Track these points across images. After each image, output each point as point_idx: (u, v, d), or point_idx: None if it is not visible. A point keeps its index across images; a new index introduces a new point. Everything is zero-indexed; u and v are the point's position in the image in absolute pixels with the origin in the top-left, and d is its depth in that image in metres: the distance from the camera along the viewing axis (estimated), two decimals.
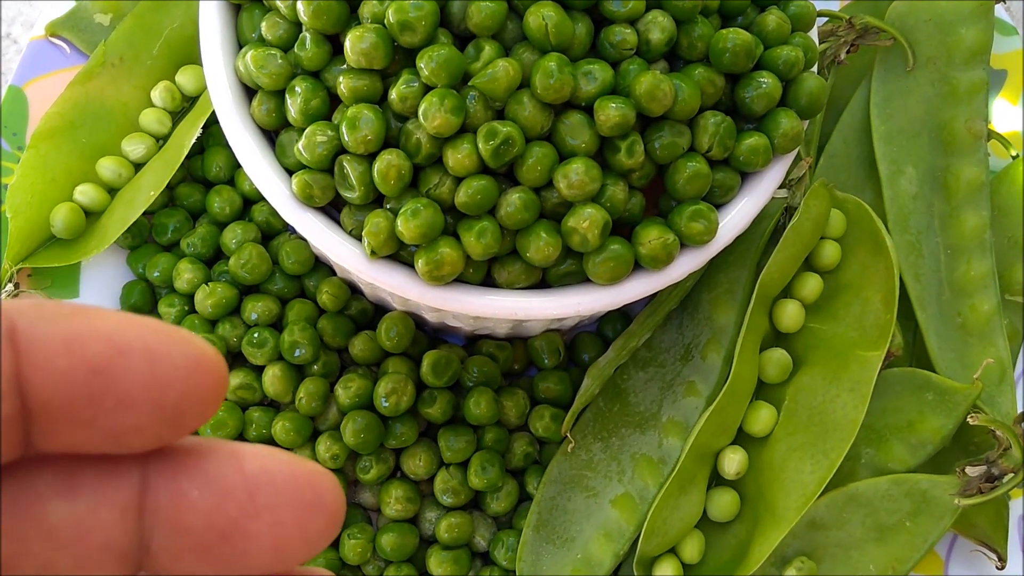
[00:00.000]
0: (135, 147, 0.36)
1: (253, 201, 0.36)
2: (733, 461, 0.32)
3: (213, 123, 0.36)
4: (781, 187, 0.32)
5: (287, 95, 0.26)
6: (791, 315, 0.33)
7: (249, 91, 0.27)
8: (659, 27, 0.25)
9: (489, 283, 0.27)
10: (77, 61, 0.36)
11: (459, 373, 0.33)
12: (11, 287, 0.34)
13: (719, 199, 0.28)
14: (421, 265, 0.25)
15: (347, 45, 0.24)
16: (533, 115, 0.24)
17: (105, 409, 0.10)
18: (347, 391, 0.32)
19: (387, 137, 0.25)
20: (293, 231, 0.36)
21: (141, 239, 0.36)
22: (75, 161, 0.35)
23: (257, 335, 0.33)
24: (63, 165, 0.35)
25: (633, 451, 0.33)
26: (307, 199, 0.26)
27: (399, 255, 0.26)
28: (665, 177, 0.27)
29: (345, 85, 0.25)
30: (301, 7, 0.25)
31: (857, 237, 0.33)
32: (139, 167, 0.36)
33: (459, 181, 0.25)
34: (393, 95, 0.25)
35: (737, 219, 0.28)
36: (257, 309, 0.34)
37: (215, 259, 0.36)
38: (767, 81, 0.27)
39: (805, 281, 0.33)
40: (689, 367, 0.33)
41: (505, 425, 0.34)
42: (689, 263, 0.27)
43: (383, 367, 0.33)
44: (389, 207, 0.26)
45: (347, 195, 0.26)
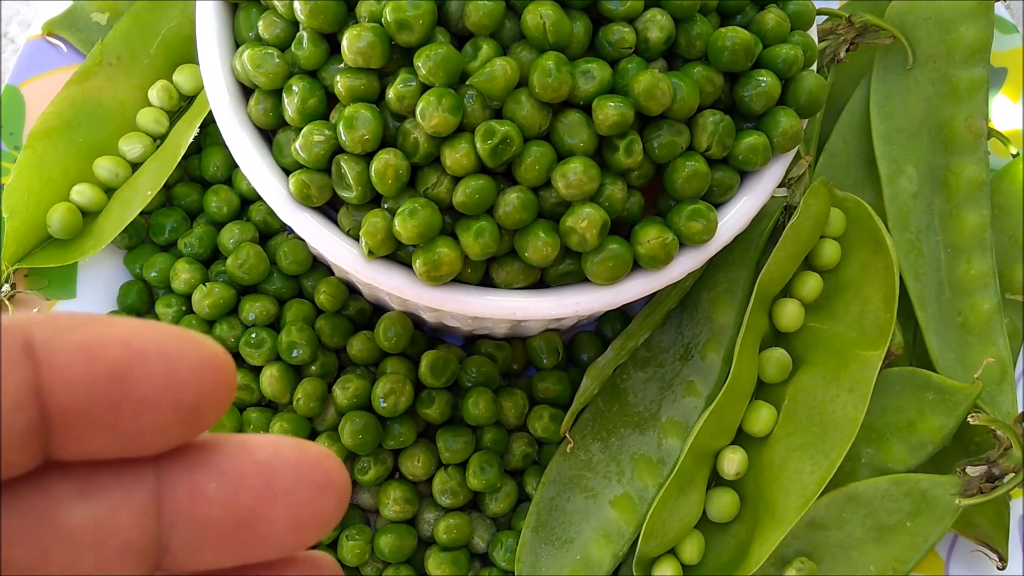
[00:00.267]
0: (132, 147, 0.35)
1: (250, 201, 0.36)
2: (733, 461, 0.32)
3: (210, 123, 0.35)
4: (780, 186, 0.32)
5: (284, 94, 0.26)
6: (791, 314, 0.33)
7: (246, 90, 0.27)
8: (657, 25, 0.25)
9: (487, 283, 0.27)
10: (74, 60, 0.36)
11: (457, 373, 0.33)
12: (8, 287, 0.34)
13: (718, 198, 0.27)
14: (419, 265, 0.25)
15: (344, 44, 0.24)
16: (531, 114, 0.24)
17: (125, 413, 0.11)
18: (345, 392, 0.32)
19: (385, 136, 0.25)
20: (291, 231, 0.35)
21: (138, 239, 0.36)
22: (72, 161, 0.35)
23: (255, 335, 0.33)
24: (60, 165, 0.35)
25: (632, 451, 0.33)
26: (304, 199, 0.26)
27: (397, 255, 0.26)
28: (664, 176, 0.26)
29: (342, 84, 0.25)
30: (298, 6, 0.25)
31: (857, 236, 0.33)
32: (136, 167, 0.36)
33: (457, 181, 0.25)
34: (391, 94, 0.24)
35: (736, 218, 0.28)
36: (255, 309, 0.34)
37: (212, 259, 0.36)
38: (766, 80, 0.26)
39: (805, 280, 0.33)
40: (688, 367, 0.33)
41: (504, 425, 0.34)
42: (688, 263, 0.27)
43: (381, 367, 0.33)
44: (387, 207, 0.25)
45: (344, 195, 0.25)
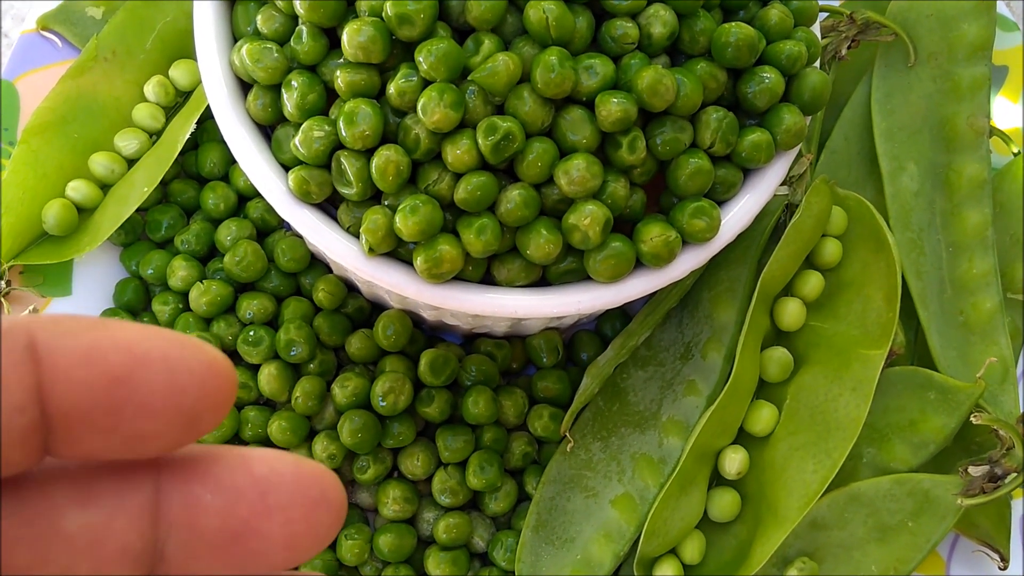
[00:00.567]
0: (128, 142, 0.35)
1: (248, 197, 0.35)
2: (734, 461, 0.32)
3: (207, 118, 0.35)
4: (782, 184, 0.32)
5: (283, 89, 0.25)
6: (792, 313, 0.33)
7: (244, 85, 0.27)
8: (661, 21, 0.25)
9: (488, 281, 0.26)
10: (69, 55, 0.36)
11: (457, 372, 0.33)
12: (3, 284, 0.34)
13: (721, 196, 0.27)
14: (420, 263, 0.25)
15: (344, 39, 0.24)
16: (533, 110, 0.24)
17: (125, 417, 0.11)
18: (344, 390, 0.32)
19: (385, 132, 0.25)
20: (289, 228, 0.35)
21: (134, 236, 0.35)
22: (67, 156, 0.35)
23: (252, 333, 0.33)
24: (55, 161, 0.34)
25: (633, 451, 0.33)
26: (304, 195, 0.26)
27: (397, 252, 0.26)
28: (667, 173, 0.26)
29: (342, 79, 0.24)
30: (297, 1, 0.24)
31: (859, 234, 0.33)
32: (132, 163, 0.35)
33: (458, 177, 0.25)
34: (391, 90, 0.24)
35: (739, 216, 0.27)
36: (252, 307, 0.33)
37: (209, 256, 0.35)
38: (770, 76, 0.26)
39: (806, 279, 0.33)
40: (689, 366, 0.33)
41: (504, 424, 0.34)
42: (691, 261, 0.27)
43: (380, 366, 0.33)
44: (387, 203, 0.25)
45: (344, 191, 0.25)
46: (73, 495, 0.11)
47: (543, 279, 0.27)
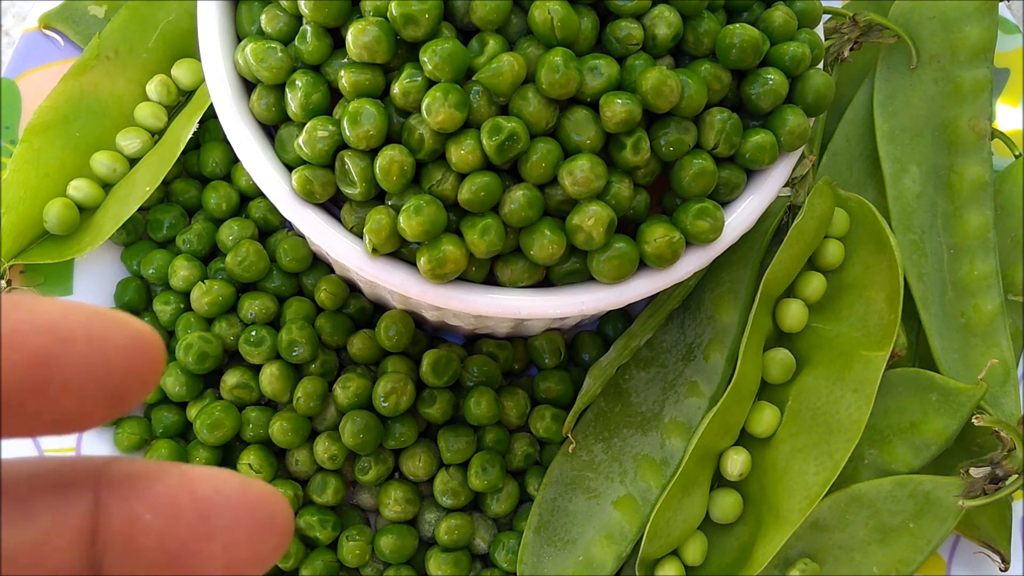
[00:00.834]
0: (130, 142, 0.35)
1: (250, 197, 0.35)
2: (736, 462, 0.32)
3: (209, 118, 0.35)
4: (784, 186, 0.32)
5: (287, 89, 0.25)
6: (794, 315, 0.33)
7: (248, 85, 0.27)
8: (665, 22, 0.25)
9: (491, 281, 0.26)
10: (71, 54, 0.36)
11: (459, 373, 0.33)
12: (3, 284, 0.34)
13: (725, 197, 0.27)
14: (423, 263, 0.25)
15: (349, 38, 0.24)
16: (538, 111, 0.24)
17: (51, 398, 0.10)
18: (346, 391, 0.32)
19: (389, 132, 0.25)
20: (291, 228, 0.35)
21: (136, 235, 0.35)
22: (69, 155, 0.34)
23: (254, 333, 0.33)
24: (56, 159, 0.34)
25: (635, 452, 0.33)
26: (307, 195, 0.26)
27: (401, 253, 0.26)
28: (671, 174, 0.26)
29: (347, 79, 0.24)
30: (302, 0, 0.24)
31: (861, 236, 0.33)
32: (134, 162, 0.35)
33: (462, 178, 0.25)
34: (396, 90, 0.24)
35: (743, 217, 0.27)
36: (254, 307, 0.33)
37: (211, 256, 0.35)
38: (774, 78, 0.26)
39: (808, 280, 0.33)
40: (691, 367, 0.33)
41: (505, 425, 0.34)
42: (694, 262, 0.27)
43: (382, 366, 0.33)
44: (391, 204, 0.25)
45: (348, 191, 0.25)
46: (10, 512, 0.11)
47: (546, 280, 0.27)
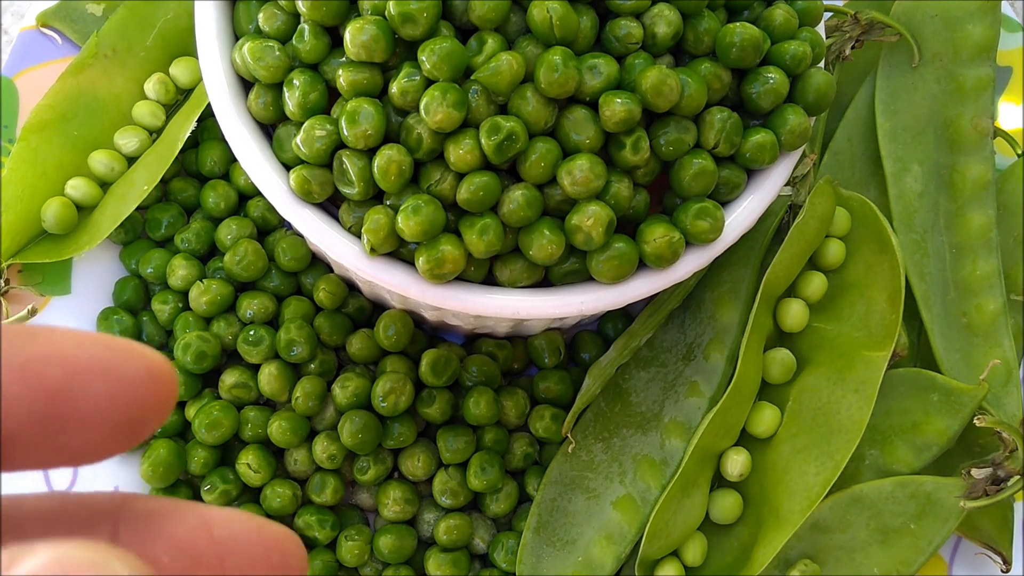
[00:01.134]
0: (128, 140, 0.35)
1: (248, 196, 0.35)
2: (736, 462, 0.31)
3: (207, 117, 0.35)
4: (785, 185, 0.32)
5: (285, 88, 0.25)
6: (795, 314, 0.33)
7: (246, 84, 0.27)
8: (665, 21, 0.25)
9: (490, 281, 0.26)
10: (69, 52, 0.36)
11: (458, 372, 0.33)
12: (2, 283, 0.33)
13: (725, 197, 0.27)
14: (422, 263, 0.25)
15: (347, 37, 0.24)
16: (537, 110, 0.24)
17: (66, 430, 0.10)
18: (344, 390, 0.32)
19: (387, 132, 0.24)
20: (290, 227, 0.35)
21: (134, 234, 0.35)
22: (67, 154, 0.34)
23: (253, 333, 0.33)
24: (54, 158, 0.34)
25: (635, 452, 0.32)
26: (305, 195, 0.25)
27: (399, 252, 0.26)
28: (670, 174, 0.26)
29: (344, 78, 0.24)
30: None
31: (862, 236, 0.33)
32: (132, 161, 0.35)
33: (461, 177, 0.24)
34: (394, 89, 0.24)
35: (743, 217, 0.27)
36: (253, 306, 0.33)
37: (210, 255, 0.35)
38: (774, 76, 0.26)
39: (809, 280, 0.33)
40: (692, 367, 0.33)
41: (505, 425, 0.34)
42: (694, 262, 0.27)
43: (381, 366, 0.33)
44: (389, 203, 0.25)
45: (346, 191, 0.25)
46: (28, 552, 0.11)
47: (545, 280, 0.27)
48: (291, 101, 0.25)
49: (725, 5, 0.27)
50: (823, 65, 0.28)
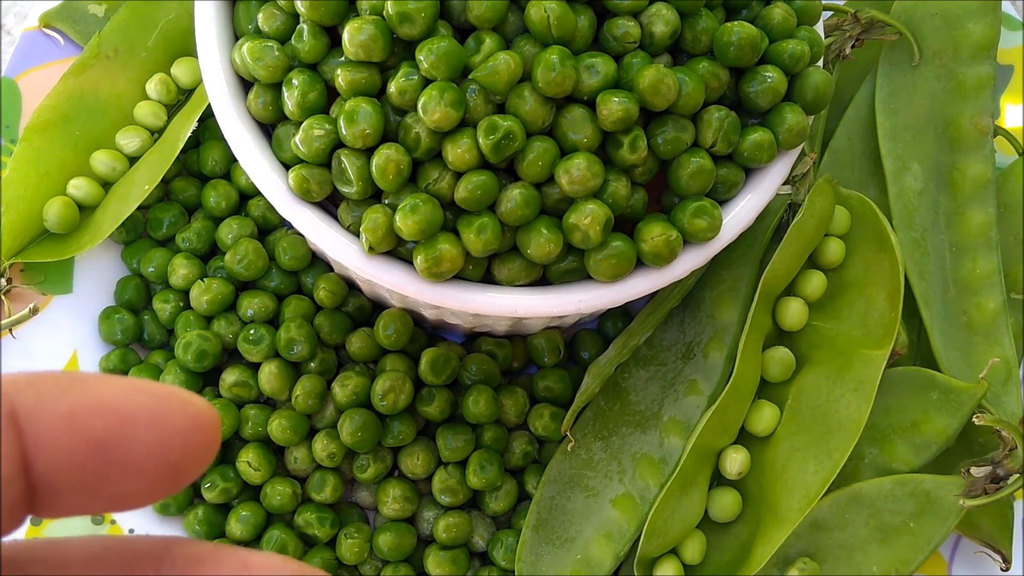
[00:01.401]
0: (130, 140, 0.35)
1: (249, 196, 0.35)
2: (735, 461, 0.31)
3: (209, 117, 0.35)
4: (785, 183, 0.32)
5: (284, 88, 0.25)
6: (794, 313, 0.33)
7: (245, 84, 0.27)
8: (663, 20, 0.25)
9: (489, 280, 0.26)
10: (71, 53, 0.36)
11: (458, 371, 0.33)
12: (3, 282, 0.34)
13: (723, 195, 0.27)
14: (420, 261, 0.25)
15: (345, 37, 0.24)
16: (534, 109, 0.24)
17: (110, 479, 0.11)
18: (344, 389, 0.32)
19: (386, 131, 0.25)
20: (290, 226, 0.35)
21: (136, 234, 0.35)
22: (68, 154, 0.35)
23: (253, 332, 0.33)
24: (56, 158, 0.34)
25: (634, 450, 0.32)
26: (304, 194, 0.26)
27: (398, 251, 0.26)
28: (668, 173, 0.26)
29: (343, 78, 0.24)
30: None
31: (862, 234, 0.33)
32: (134, 161, 0.35)
33: (459, 176, 0.25)
34: (392, 88, 0.24)
35: (741, 216, 0.27)
36: (253, 305, 0.33)
37: (211, 255, 0.35)
38: (772, 75, 0.26)
39: (809, 279, 0.33)
40: (691, 365, 0.33)
41: (504, 424, 0.34)
42: (692, 260, 0.27)
43: (381, 365, 0.33)
44: (387, 202, 0.25)
45: (345, 190, 0.25)
46: None
47: (544, 278, 0.27)
48: (290, 101, 0.25)
49: (723, 4, 0.27)
50: (822, 64, 0.28)
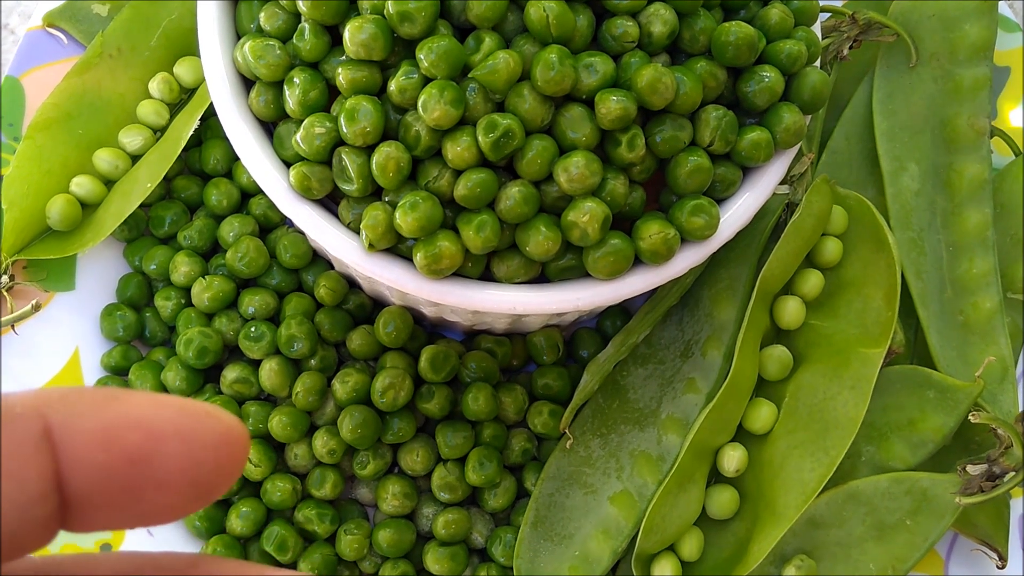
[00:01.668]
0: (132, 139, 0.35)
1: (251, 194, 0.36)
2: (733, 458, 0.32)
3: (211, 115, 0.35)
4: (783, 183, 0.32)
5: (285, 86, 0.26)
6: (792, 312, 0.33)
7: (247, 82, 0.27)
8: (661, 20, 0.25)
9: (488, 277, 0.27)
10: (74, 52, 0.36)
11: (457, 368, 0.33)
12: (6, 279, 0.34)
13: (720, 194, 0.27)
14: (420, 258, 0.25)
15: (346, 36, 0.24)
16: (533, 108, 0.24)
17: (143, 494, 0.11)
18: (344, 386, 0.32)
19: (386, 129, 0.25)
20: (291, 224, 0.35)
21: (138, 232, 0.36)
22: (72, 152, 0.35)
23: (254, 329, 0.33)
24: (59, 156, 0.35)
25: (632, 448, 0.33)
26: (305, 191, 0.26)
27: (397, 248, 0.26)
28: (666, 171, 0.26)
29: (344, 76, 0.25)
30: None
31: (859, 234, 0.33)
32: (136, 159, 0.36)
33: (458, 174, 0.25)
34: (392, 87, 0.24)
35: (738, 214, 0.27)
36: (254, 303, 0.33)
37: (212, 252, 0.35)
38: (769, 75, 0.26)
39: (806, 278, 0.33)
40: (689, 364, 0.33)
41: (503, 421, 0.34)
42: (690, 258, 0.27)
43: (381, 362, 0.33)
44: (388, 200, 0.25)
45: (345, 188, 0.25)
46: None
47: (542, 276, 0.27)
48: (291, 99, 0.25)
49: (721, 4, 0.27)
50: (820, 64, 0.28)
